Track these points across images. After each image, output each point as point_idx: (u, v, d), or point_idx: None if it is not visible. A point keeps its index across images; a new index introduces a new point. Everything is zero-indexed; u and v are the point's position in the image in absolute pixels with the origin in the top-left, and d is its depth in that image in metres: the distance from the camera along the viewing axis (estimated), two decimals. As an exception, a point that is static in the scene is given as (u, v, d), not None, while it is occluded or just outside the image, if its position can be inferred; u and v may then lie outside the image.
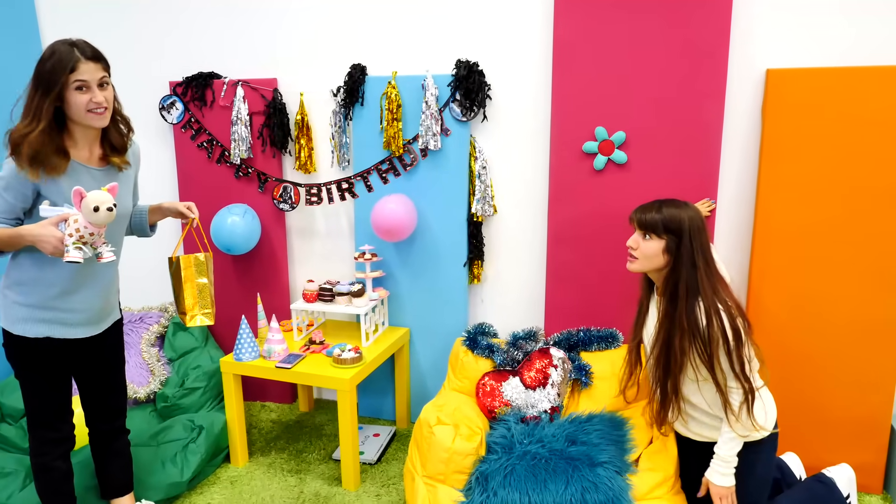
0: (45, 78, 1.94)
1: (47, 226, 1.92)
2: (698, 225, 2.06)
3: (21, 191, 1.98)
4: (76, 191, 1.88)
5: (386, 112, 2.97)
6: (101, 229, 1.93)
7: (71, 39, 1.99)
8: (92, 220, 1.88)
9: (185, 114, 3.30)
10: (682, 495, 2.25)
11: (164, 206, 2.38)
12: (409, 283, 3.17)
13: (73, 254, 1.87)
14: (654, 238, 2.09)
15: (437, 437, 2.33)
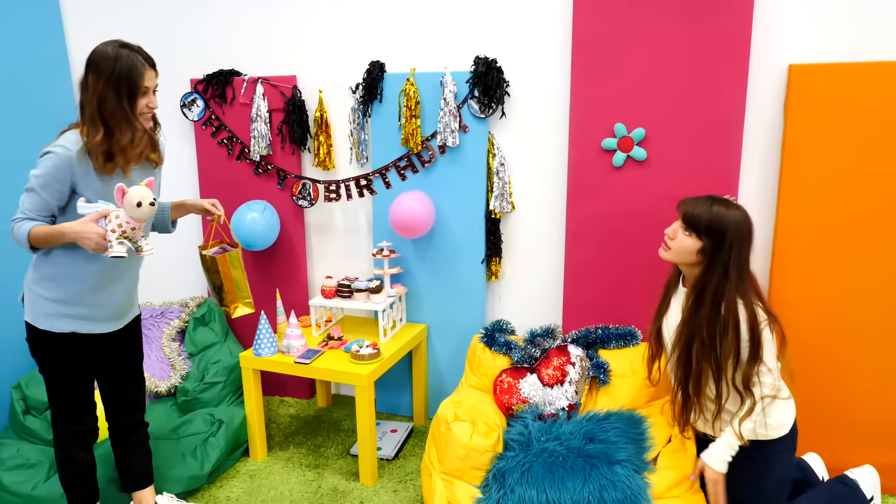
0: (124, 83, 2.00)
1: (88, 223, 1.95)
2: (743, 234, 2.00)
3: (59, 189, 2.01)
4: (119, 187, 1.92)
5: (404, 109, 2.97)
6: (141, 224, 1.97)
7: (120, 42, 2.05)
8: (134, 216, 1.93)
9: (206, 111, 3.33)
10: (700, 494, 2.23)
11: (186, 203, 2.41)
12: (426, 280, 3.17)
13: (117, 248, 1.91)
14: (693, 236, 2.06)
15: (455, 434, 2.34)
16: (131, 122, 2.03)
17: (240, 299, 2.37)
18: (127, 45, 2.04)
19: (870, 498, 2.27)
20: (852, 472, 2.31)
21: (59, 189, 2.01)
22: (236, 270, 2.36)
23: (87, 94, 2.01)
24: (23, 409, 2.89)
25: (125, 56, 2.00)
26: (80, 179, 2.02)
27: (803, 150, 2.49)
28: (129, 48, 2.03)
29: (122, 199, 1.93)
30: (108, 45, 2.03)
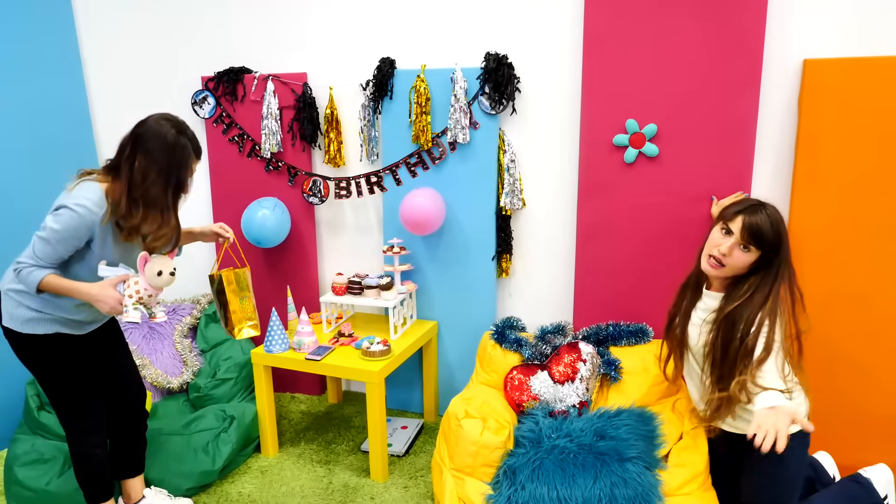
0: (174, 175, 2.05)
1: (107, 287, 2.00)
2: (786, 233, 2.00)
3: (75, 245, 2.03)
4: (142, 256, 2.01)
5: (415, 105, 2.97)
6: (159, 291, 2.04)
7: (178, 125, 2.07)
8: (154, 284, 2.00)
9: (217, 108, 3.34)
10: (712, 492, 2.22)
11: (195, 230, 2.45)
12: (437, 277, 3.17)
13: (132, 314, 1.97)
14: (752, 251, 2.00)
15: (465, 430, 2.34)
16: (167, 214, 2.06)
17: (245, 320, 2.37)
18: (184, 131, 2.06)
19: (884, 497, 2.25)
20: (866, 471, 2.29)
21: (76, 245, 2.03)
22: (244, 291, 2.37)
23: (133, 171, 2.02)
24: (37, 405, 2.91)
25: (182, 147, 2.03)
26: (97, 238, 2.05)
27: (817, 147, 2.47)
28: (186, 134, 2.07)
29: (143, 268, 1.99)
30: (166, 126, 2.03)
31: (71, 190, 2.04)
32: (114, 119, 3.55)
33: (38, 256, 2.00)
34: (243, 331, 2.36)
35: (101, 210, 2.00)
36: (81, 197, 1.99)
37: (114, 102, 3.54)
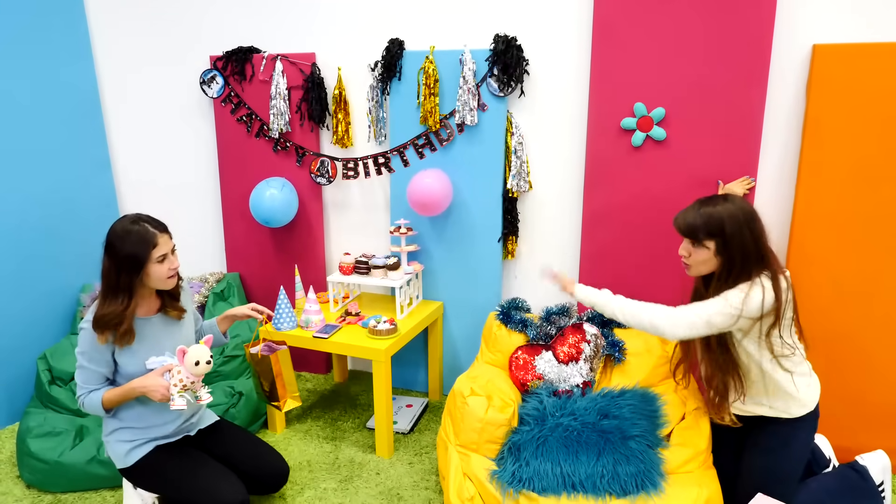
0: (128, 258, 2.10)
1: (155, 377, 2.14)
2: (740, 221, 1.98)
3: (102, 358, 2.15)
4: (180, 349, 2.13)
5: (423, 87, 2.98)
6: (200, 377, 2.16)
7: (130, 216, 2.15)
8: (193, 372, 2.13)
9: (226, 88, 3.35)
10: (712, 470, 2.26)
11: (228, 314, 2.52)
12: (443, 258, 3.20)
13: (177, 402, 2.11)
14: (701, 245, 2.04)
15: (471, 408, 2.37)
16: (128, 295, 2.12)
17: (289, 394, 2.52)
18: (137, 220, 2.14)
19: (879, 483, 2.28)
20: (862, 458, 2.31)
21: (104, 359, 2.15)
22: (286, 368, 2.51)
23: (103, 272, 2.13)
24: (48, 379, 2.96)
25: (134, 232, 2.10)
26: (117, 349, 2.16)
27: (824, 133, 2.48)
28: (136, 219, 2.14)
29: (182, 358, 2.13)
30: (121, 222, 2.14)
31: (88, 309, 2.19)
32: (123, 99, 3.57)
33: (84, 384, 2.17)
34: (287, 401, 2.52)
35: None
36: (88, 316, 2.15)
37: (123, 82, 3.56)
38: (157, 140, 3.61)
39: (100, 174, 3.50)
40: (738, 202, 2.03)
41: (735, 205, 2.01)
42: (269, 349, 2.51)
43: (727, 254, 2.00)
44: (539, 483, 2.16)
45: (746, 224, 1.99)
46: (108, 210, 3.55)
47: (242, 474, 2.36)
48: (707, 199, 2.06)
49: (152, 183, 3.67)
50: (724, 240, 1.99)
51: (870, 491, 2.26)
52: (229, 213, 3.54)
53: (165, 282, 2.19)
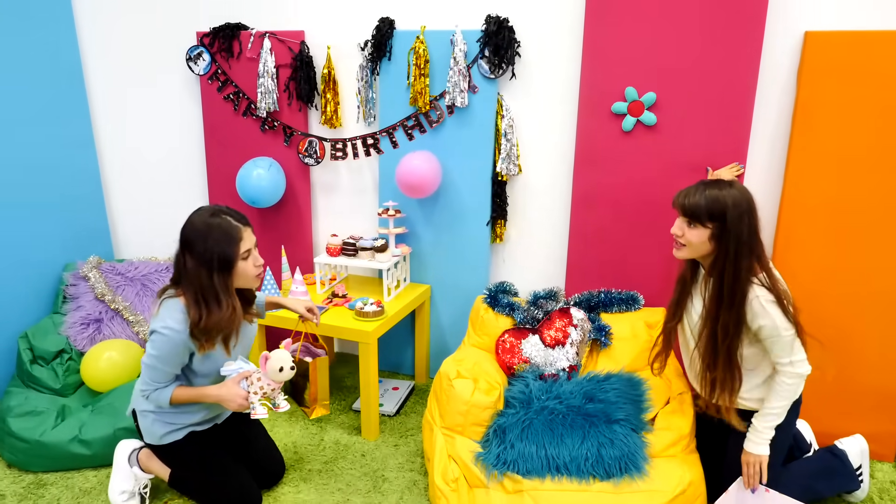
0: (219, 257, 2.01)
1: (232, 386, 2.11)
2: (742, 209, 1.95)
3: (179, 361, 2.10)
4: (263, 355, 2.11)
5: (413, 67, 2.95)
6: (280, 385, 2.13)
7: (207, 208, 2.06)
8: (275, 379, 2.10)
9: (212, 65, 3.30)
10: (696, 454, 2.28)
11: (281, 301, 2.47)
12: (431, 241, 3.18)
13: (259, 411, 2.10)
14: (698, 227, 2.01)
15: (457, 390, 2.37)
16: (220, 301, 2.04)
17: (319, 401, 2.47)
18: (218, 212, 2.04)
19: (857, 467, 2.32)
20: (841, 443, 2.35)
21: (179, 361, 2.11)
22: (322, 376, 2.46)
23: (188, 274, 2.03)
24: (30, 358, 2.93)
25: (216, 227, 2.01)
26: (195, 348, 2.10)
27: (814, 120, 2.49)
28: (221, 213, 2.04)
29: (265, 365, 2.09)
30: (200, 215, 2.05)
31: (157, 313, 2.10)
32: (106, 74, 3.50)
33: (152, 381, 2.12)
34: (317, 409, 2.50)
35: (186, 325, 2.05)
36: (167, 318, 2.04)
37: (107, 57, 3.49)
38: (142, 117, 3.56)
39: (82, 151, 3.44)
40: (742, 190, 1.99)
41: (739, 192, 1.98)
42: (308, 352, 2.48)
43: (723, 240, 1.98)
44: (523, 465, 2.16)
45: (748, 213, 1.97)
46: (92, 188, 3.49)
47: (253, 465, 2.41)
48: (712, 182, 2.03)
49: (137, 160, 3.61)
50: (724, 225, 1.96)
51: (848, 474, 2.30)
52: (216, 193, 3.50)
53: (252, 280, 2.12)
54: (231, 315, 2.06)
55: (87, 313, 3.11)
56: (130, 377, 2.88)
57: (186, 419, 2.24)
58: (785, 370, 2.00)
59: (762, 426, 2.05)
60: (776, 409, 2.03)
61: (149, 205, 3.67)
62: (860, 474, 2.34)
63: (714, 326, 2.03)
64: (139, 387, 2.16)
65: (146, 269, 3.36)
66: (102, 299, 3.16)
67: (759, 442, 2.06)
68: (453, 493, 2.23)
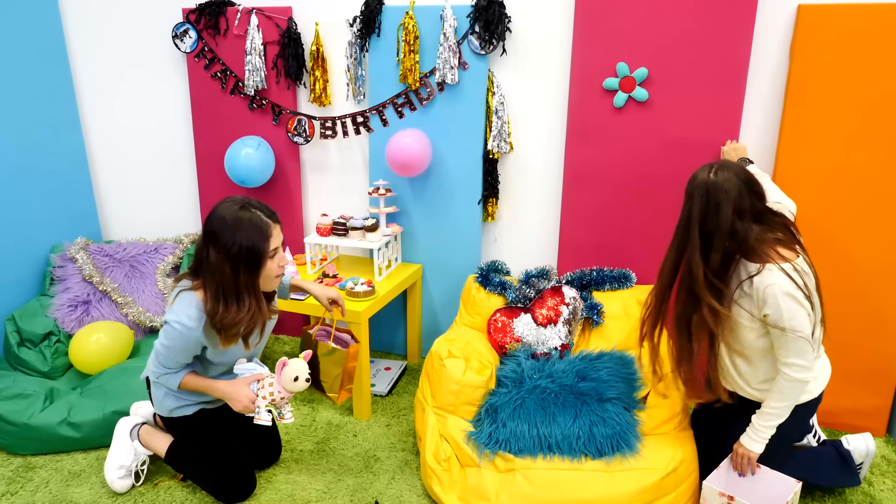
0: (247, 253, 1.93)
1: (242, 385, 2.08)
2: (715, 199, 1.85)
3: (191, 353, 2.07)
4: (281, 361, 2.06)
5: (403, 44, 2.90)
6: (292, 395, 2.08)
7: (236, 200, 1.97)
8: (289, 388, 2.06)
9: (199, 42, 3.24)
10: (688, 431, 2.28)
11: (306, 287, 2.41)
12: (422, 220, 3.15)
13: (264, 417, 2.05)
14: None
15: (448, 370, 2.36)
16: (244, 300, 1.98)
17: (345, 386, 2.41)
18: (247, 206, 1.96)
19: (859, 464, 2.29)
20: (848, 442, 2.26)
21: (191, 353, 2.07)
22: (352, 362, 2.40)
23: (211, 269, 1.96)
24: (17, 340, 2.90)
25: (246, 221, 1.93)
26: (208, 343, 2.06)
27: (807, 94, 2.46)
28: (251, 207, 1.96)
29: (281, 371, 2.04)
30: (227, 208, 1.95)
31: (171, 303, 2.05)
32: (91, 53, 3.43)
33: (163, 366, 2.09)
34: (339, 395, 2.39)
35: (201, 323, 2.00)
36: (181, 313, 1.98)
37: (91, 35, 3.42)
38: (128, 96, 3.49)
39: (68, 132, 3.39)
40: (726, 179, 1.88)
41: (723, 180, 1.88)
42: (338, 340, 2.42)
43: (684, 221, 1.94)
44: (515, 444, 2.16)
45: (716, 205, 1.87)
46: (79, 169, 3.44)
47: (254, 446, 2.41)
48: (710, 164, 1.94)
49: (124, 140, 3.56)
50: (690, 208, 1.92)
51: (850, 472, 2.27)
52: (204, 173, 3.45)
53: (273, 282, 2.06)
54: (254, 315, 2.01)
55: (75, 295, 3.08)
56: (119, 359, 2.86)
57: (198, 397, 2.22)
58: (783, 370, 1.96)
59: (760, 424, 2.02)
60: (774, 409, 1.99)
61: (137, 185, 3.62)
62: (860, 469, 2.31)
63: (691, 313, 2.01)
64: (150, 367, 2.14)
65: (134, 250, 3.33)
66: (90, 281, 3.13)
67: (756, 439, 2.03)
68: (445, 473, 2.22)
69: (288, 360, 2.06)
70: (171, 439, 2.37)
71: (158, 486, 2.37)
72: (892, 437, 2.65)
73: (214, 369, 2.19)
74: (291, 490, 2.36)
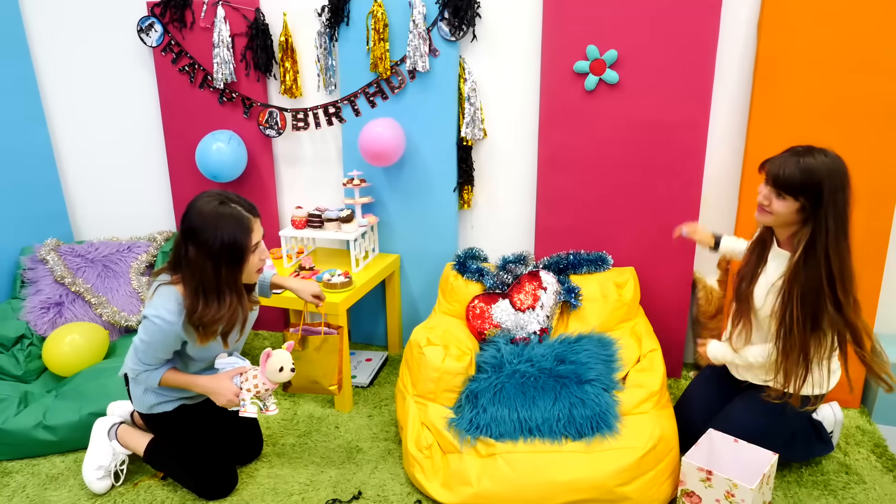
0: (229, 250, 1.90)
1: (224, 379, 2.05)
2: (837, 182, 1.84)
3: (171, 348, 2.04)
4: (265, 352, 2.04)
5: (372, 32, 2.88)
6: (276, 386, 2.06)
7: (213, 194, 1.94)
8: (273, 379, 2.04)
9: (165, 36, 3.19)
10: (668, 409, 2.30)
11: (287, 284, 2.38)
12: (398, 209, 3.14)
13: (249, 409, 2.03)
14: (788, 199, 1.90)
15: (428, 358, 2.36)
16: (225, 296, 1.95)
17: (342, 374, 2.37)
18: (226, 201, 1.92)
19: (830, 432, 2.35)
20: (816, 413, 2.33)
21: (170, 349, 2.04)
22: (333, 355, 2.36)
23: (190, 265, 1.92)
24: (-10, 344, 2.85)
25: (226, 217, 1.89)
26: (188, 338, 2.02)
27: (776, 71, 2.48)
28: (230, 202, 1.92)
29: (265, 362, 2.02)
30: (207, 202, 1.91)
31: (150, 297, 2.01)
32: (54, 48, 3.37)
33: (142, 362, 2.05)
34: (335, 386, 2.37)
35: (181, 317, 1.96)
36: (161, 308, 1.95)
37: (53, 28, 3.35)
38: (95, 93, 3.43)
39: (33, 130, 3.32)
40: (836, 160, 1.87)
41: (833, 162, 1.86)
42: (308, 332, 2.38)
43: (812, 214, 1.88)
44: (496, 429, 2.16)
45: (841, 188, 1.85)
46: (46, 168, 3.38)
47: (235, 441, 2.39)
48: (805, 150, 1.89)
49: (92, 138, 3.50)
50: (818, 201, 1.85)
51: (824, 442, 2.33)
52: (176, 169, 3.40)
53: (254, 276, 2.03)
54: (234, 312, 1.98)
55: (47, 297, 3.03)
56: (94, 360, 2.82)
57: (179, 393, 2.19)
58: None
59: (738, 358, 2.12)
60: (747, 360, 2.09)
61: (107, 183, 3.56)
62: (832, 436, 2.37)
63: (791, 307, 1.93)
64: (129, 364, 2.10)
65: (107, 249, 3.28)
66: (62, 282, 3.08)
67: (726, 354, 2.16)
68: (427, 460, 2.22)
69: (272, 352, 2.06)
70: (150, 437, 2.34)
71: (138, 486, 2.34)
72: (867, 408, 2.70)
73: (195, 365, 2.16)
74: (274, 484, 2.35)
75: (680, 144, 2.64)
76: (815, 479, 2.29)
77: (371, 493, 2.28)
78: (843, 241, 1.89)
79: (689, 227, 2.44)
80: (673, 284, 2.84)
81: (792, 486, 2.26)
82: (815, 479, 2.29)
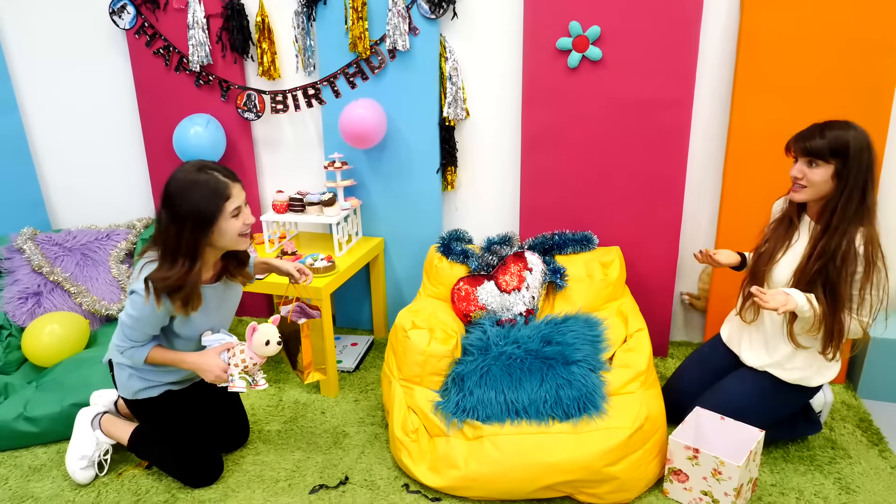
0: (194, 214, 1.87)
1: (212, 355, 2.03)
2: (862, 144, 1.91)
3: (157, 323, 2.01)
4: (251, 326, 2.02)
5: (351, 10, 2.81)
6: (263, 360, 2.04)
7: (194, 163, 1.92)
8: (260, 353, 2.03)
9: (138, 18, 3.10)
10: (655, 388, 2.30)
11: (271, 263, 2.34)
12: (381, 192, 3.10)
13: (238, 384, 2.01)
14: (821, 165, 1.95)
15: (413, 341, 2.34)
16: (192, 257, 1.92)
17: (314, 365, 2.34)
18: (203, 168, 1.91)
19: (818, 412, 2.37)
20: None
21: (158, 323, 2.01)
22: (317, 338, 2.33)
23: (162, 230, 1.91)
24: (-31, 336, 2.80)
25: (202, 183, 1.87)
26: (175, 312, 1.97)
27: (758, 47, 2.45)
28: (202, 167, 1.91)
29: (251, 337, 2.00)
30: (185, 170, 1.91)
31: (137, 274, 1.97)
32: (24, 32, 3.27)
33: (129, 339, 2.02)
34: (311, 374, 2.31)
35: None
36: (138, 275, 1.95)
37: (22, 12, 3.25)
38: (68, 77, 3.35)
39: (5, 116, 3.24)
40: (860, 129, 1.94)
41: (857, 131, 1.94)
42: (302, 313, 2.34)
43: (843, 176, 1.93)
44: (483, 411, 2.15)
45: (867, 149, 1.93)
46: (20, 155, 3.30)
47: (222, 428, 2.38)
48: (830, 123, 1.97)
49: (67, 124, 3.42)
50: (847, 161, 1.91)
51: (812, 422, 2.35)
52: (153, 154, 3.34)
53: (237, 240, 1.98)
54: (183, 274, 1.91)
55: (25, 287, 2.97)
56: (75, 350, 2.77)
57: (164, 377, 2.16)
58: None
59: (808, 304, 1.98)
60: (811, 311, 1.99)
61: (84, 171, 3.49)
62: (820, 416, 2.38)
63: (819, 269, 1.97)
64: (115, 341, 2.07)
65: (85, 237, 3.22)
66: (40, 271, 3.02)
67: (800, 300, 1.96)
68: (414, 444, 2.21)
69: (258, 326, 2.04)
70: (134, 426, 2.32)
71: (123, 475, 2.32)
72: (851, 383, 2.71)
73: (181, 343, 2.12)
74: (260, 471, 2.33)
75: (664, 121, 2.61)
76: (802, 454, 2.30)
77: (358, 477, 2.27)
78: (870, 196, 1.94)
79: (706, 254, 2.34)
80: (658, 263, 2.83)
81: (778, 461, 2.27)
82: (801, 455, 2.30)
